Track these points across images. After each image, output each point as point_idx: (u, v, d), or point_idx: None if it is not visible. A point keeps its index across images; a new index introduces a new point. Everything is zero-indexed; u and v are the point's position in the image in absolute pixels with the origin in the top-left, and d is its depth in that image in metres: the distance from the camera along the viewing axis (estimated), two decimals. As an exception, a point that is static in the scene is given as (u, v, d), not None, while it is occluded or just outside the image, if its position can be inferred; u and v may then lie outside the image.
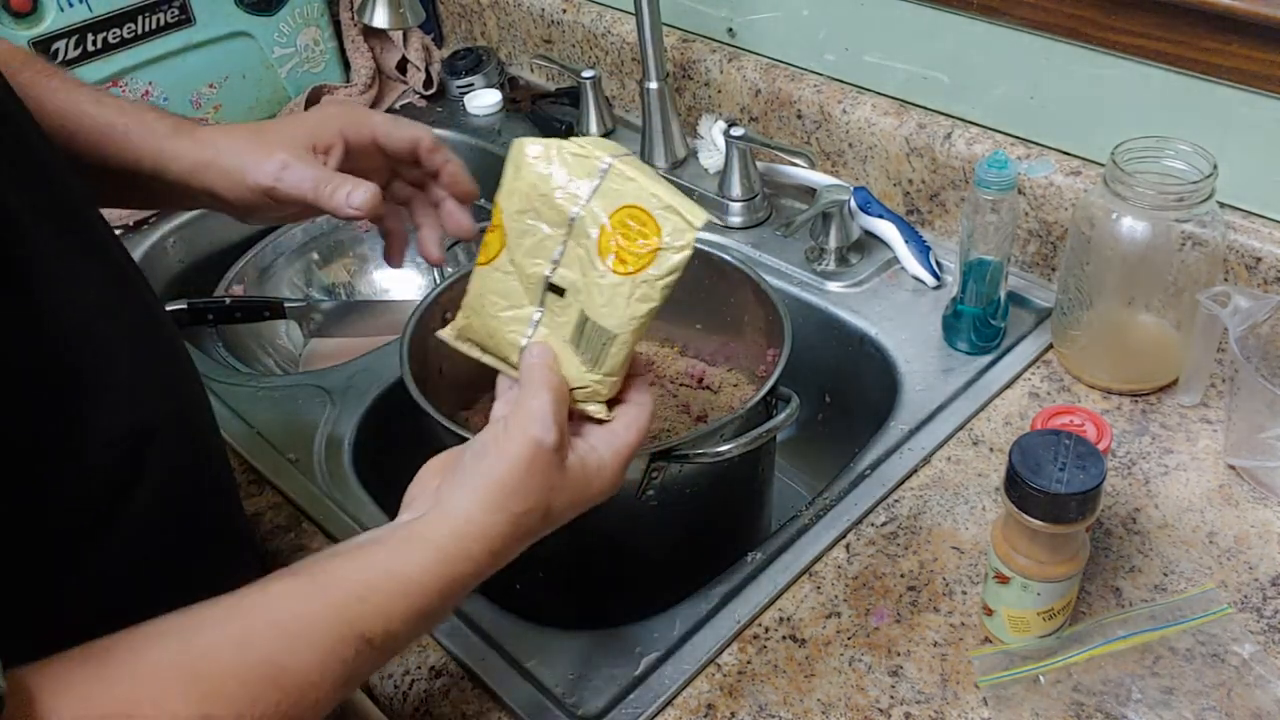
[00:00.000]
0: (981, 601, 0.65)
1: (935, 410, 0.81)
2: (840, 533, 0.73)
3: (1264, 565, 0.68)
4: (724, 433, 0.67)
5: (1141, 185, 0.74)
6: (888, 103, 0.99)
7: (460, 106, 1.29)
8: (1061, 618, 0.63)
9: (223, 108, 1.22)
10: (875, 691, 0.63)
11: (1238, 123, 0.79)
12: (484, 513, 0.51)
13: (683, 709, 0.63)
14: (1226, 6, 0.74)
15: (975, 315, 0.85)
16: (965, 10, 0.90)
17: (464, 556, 0.51)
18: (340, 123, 0.69)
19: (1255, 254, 0.79)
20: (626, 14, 1.18)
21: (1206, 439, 0.77)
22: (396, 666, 0.67)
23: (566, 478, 0.54)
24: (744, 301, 0.81)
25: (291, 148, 0.66)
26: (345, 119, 0.69)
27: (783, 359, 0.72)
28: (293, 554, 0.76)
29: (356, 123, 0.69)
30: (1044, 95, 0.89)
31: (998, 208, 0.79)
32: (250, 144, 0.66)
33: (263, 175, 0.65)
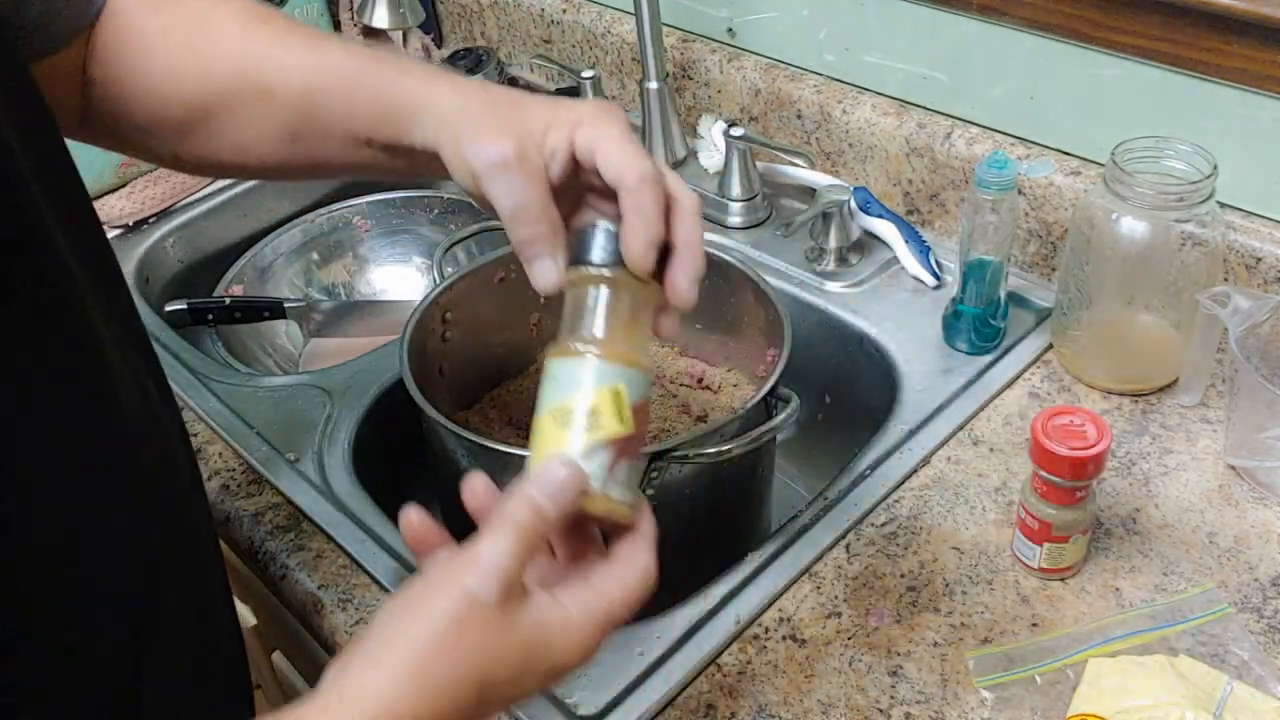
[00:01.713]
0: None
1: (935, 410, 0.81)
2: (840, 533, 0.73)
3: (1264, 565, 0.68)
4: (724, 433, 0.67)
5: (1141, 185, 0.74)
6: (888, 103, 0.99)
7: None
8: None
9: (223, 108, 1.22)
10: (875, 691, 0.63)
11: (1238, 123, 0.79)
12: (395, 688, 0.41)
13: (683, 709, 0.63)
14: (1226, 6, 0.74)
15: (975, 315, 0.85)
16: (965, 10, 0.90)
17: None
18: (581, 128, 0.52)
19: (1255, 254, 0.79)
20: (626, 14, 1.18)
21: (1206, 439, 0.77)
22: (396, 666, 0.67)
23: (512, 639, 0.43)
24: (744, 301, 0.81)
25: (523, 137, 0.52)
26: (588, 125, 0.52)
27: (783, 359, 0.72)
28: (293, 554, 0.76)
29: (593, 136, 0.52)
30: (1044, 95, 0.89)
31: (998, 208, 0.79)
32: (490, 112, 0.53)
33: (476, 158, 0.52)
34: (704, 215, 0.52)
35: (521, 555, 0.44)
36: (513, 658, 0.43)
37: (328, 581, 0.74)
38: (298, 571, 0.75)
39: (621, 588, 0.46)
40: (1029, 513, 0.67)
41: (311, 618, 0.73)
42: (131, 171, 1.17)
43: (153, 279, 1.11)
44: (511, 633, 0.43)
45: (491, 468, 0.69)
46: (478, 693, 0.42)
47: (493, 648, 0.43)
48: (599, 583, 0.46)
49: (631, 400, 0.48)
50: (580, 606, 0.45)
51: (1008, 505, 0.73)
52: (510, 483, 0.68)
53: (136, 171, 1.17)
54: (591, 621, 0.45)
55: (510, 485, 0.46)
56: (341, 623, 0.71)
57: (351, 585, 0.73)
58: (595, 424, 0.47)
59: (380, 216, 1.18)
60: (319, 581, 0.74)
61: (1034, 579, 0.69)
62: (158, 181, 1.16)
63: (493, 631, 0.43)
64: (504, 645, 0.43)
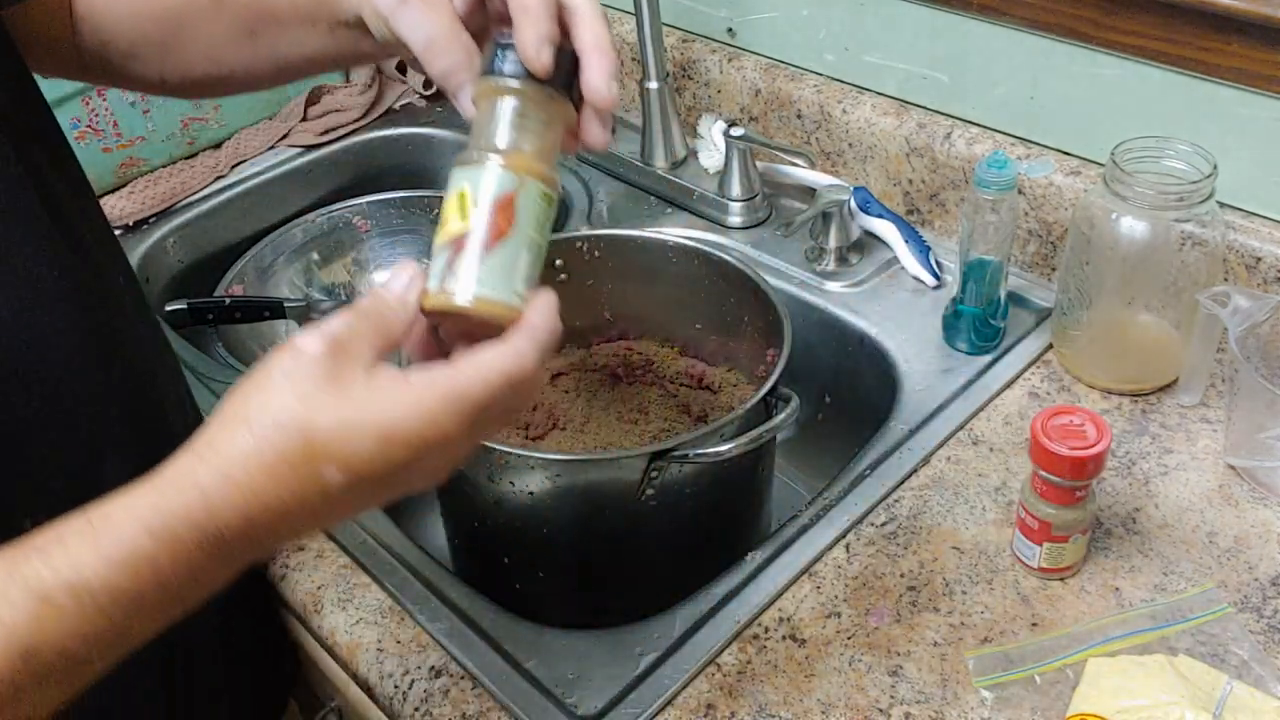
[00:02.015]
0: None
1: (935, 410, 0.81)
2: (840, 533, 0.73)
3: (1264, 565, 0.68)
4: (724, 433, 0.67)
5: (1141, 185, 0.74)
6: (888, 103, 0.99)
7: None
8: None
9: (223, 108, 1.22)
10: (875, 691, 0.63)
11: (1238, 123, 0.79)
12: (218, 429, 0.43)
13: (683, 709, 0.63)
14: (1226, 6, 0.74)
15: (975, 315, 0.85)
16: (965, 10, 0.90)
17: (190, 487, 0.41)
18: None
19: (1255, 254, 0.79)
20: (626, 14, 1.18)
21: (1206, 439, 0.77)
22: (396, 666, 0.67)
23: (333, 388, 0.42)
24: (744, 301, 0.81)
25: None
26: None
27: (783, 359, 0.72)
28: (292, 554, 0.76)
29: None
30: (1044, 95, 0.89)
31: (997, 208, 0.79)
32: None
33: (382, 1, 0.54)
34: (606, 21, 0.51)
35: (354, 325, 0.44)
36: (331, 407, 0.42)
37: (328, 581, 0.74)
38: (297, 571, 0.75)
39: (475, 365, 0.44)
40: (1029, 512, 0.67)
41: (311, 618, 0.73)
42: (131, 172, 1.17)
43: (153, 279, 1.11)
44: (334, 382, 0.42)
45: (491, 468, 0.69)
46: (304, 447, 0.41)
47: (310, 394, 0.42)
48: (455, 361, 0.45)
49: (496, 194, 0.48)
50: (423, 376, 0.44)
51: (1008, 505, 0.74)
52: (508, 479, 0.69)
53: (136, 171, 1.17)
54: (432, 391, 0.43)
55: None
56: (342, 623, 0.71)
57: (351, 585, 0.73)
58: (442, 224, 0.48)
59: (380, 216, 1.18)
60: (319, 581, 0.74)
61: (1034, 579, 0.69)
62: (158, 181, 1.17)
63: (313, 380, 0.42)
64: (324, 393, 0.42)
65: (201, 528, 0.41)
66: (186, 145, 1.21)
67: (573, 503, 0.69)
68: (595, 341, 0.90)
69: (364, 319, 0.45)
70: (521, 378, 0.45)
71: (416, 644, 0.69)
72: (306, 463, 0.42)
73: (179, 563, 0.40)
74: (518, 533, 0.72)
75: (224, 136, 1.24)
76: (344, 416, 0.42)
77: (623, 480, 0.67)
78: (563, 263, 0.85)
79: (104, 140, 1.13)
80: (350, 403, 0.42)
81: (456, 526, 0.82)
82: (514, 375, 0.45)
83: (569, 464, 0.67)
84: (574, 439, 0.82)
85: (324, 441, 0.42)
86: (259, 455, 0.41)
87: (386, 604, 0.71)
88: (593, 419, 0.83)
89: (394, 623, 0.70)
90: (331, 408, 0.42)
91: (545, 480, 0.67)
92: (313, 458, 0.42)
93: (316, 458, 0.42)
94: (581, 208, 1.10)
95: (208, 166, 1.20)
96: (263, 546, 0.43)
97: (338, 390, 0.42)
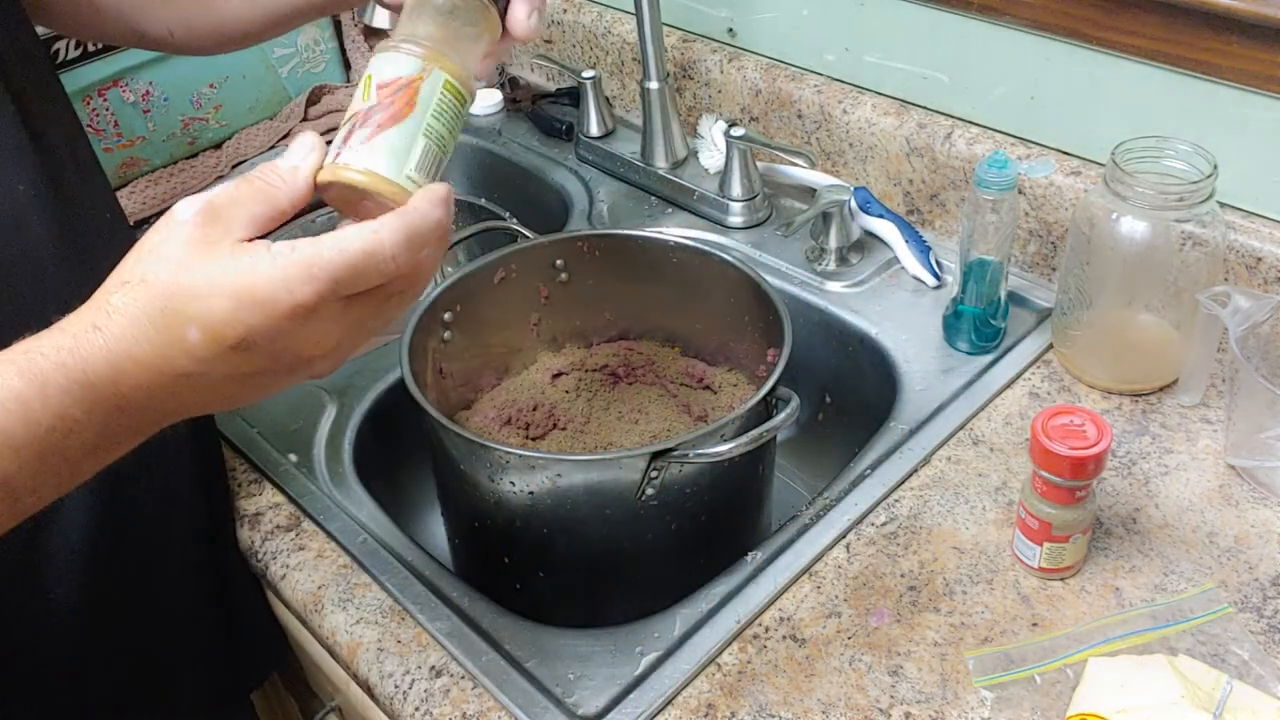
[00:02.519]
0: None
1: (935, 410, 0.81)
2: (840, 533, 0.73)
3: (1264, 565, 0.68)
4: (724, 433, 0.67)
5: (1141, 185, 0.74)
6: (888, 103, 0.99)
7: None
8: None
9: (223, 108, 1.22)
10: (875, 691, 0.63)
11: (1238, 123, 0.79)
12: (101, 289, 0.44)
13: (683, 709, 0.63)
14: (1226, 6, 0.74)
15: (975, 315, 0.85)
16: (965, 10, 0.90)
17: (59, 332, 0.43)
18: None
19: (1255, 254, 0.79)
20: (626, 14, 1.18)
21: (1206, 439, 0.77)
22: (397, 666, 0.67)
23: (199, 252, 0.43)
24: (744, 301, 0.81)
25: None
26: None
27: (783, 359, 0.72)
28: (292, 554, 0.76)
29: None
30: (1044, 95, 0.89)
31: (998, 208, 0.79)
32: None
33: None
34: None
35: (234, 193, 0.45)
36: (193, 269, 0.43)
37: (328, 581, 0.74)
38: (298, 571, 0.75)
39: (336, 237, 0.44)
40: (1029, 512, 0.67)
41: (311, 617, 0.73)
42: (132, 172, 1.17)
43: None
44: (201, 246, 0.43)
45: (491, 467, 0.69)
46: (164, 303, 0.42)
47: (178, 257, 0.43)
48: (322, 236, 0.44)
49: (398, 76, 0.49)
50: (285, 244, 0.44)
51: (1008, 505, 0.74)
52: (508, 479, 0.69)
53: (137, 172, 1.17)
54: (289, 258, 0.43)
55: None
56: (342, 623, 0.71)
57: (351, 585, 0.73)
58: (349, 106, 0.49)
59: (380, 216, 1.18)
60: (319, 581, 0.74)
61: (1034, 579, 0.69)
62: (158, 181, 1.17)
63: (187, 245, 0.43)
64: (189, 257, 0.43)
65: (68, 370, 0.42)
66: (187, 145, 1.21)
67: (573, 503, 0.69)
68: (595, 341, 0.90)
69: (246, 187, 0.45)
70: (383, 255, 0.44)
71: (417, 644, 0.69)
72: (166, 320, 0.43)
73: (49, 404, 0.42)
74: (518, 533, 0.72)
75: (224, 136, 1.24)
76: (202, 278, 0.43)
77: (623, 480, 0.67)
78: (563, 263, 0.85)
79: (104, 140, 1.13)
80: (211, 266, 0.43)
81: (456, 526, 0.82)
82: (374, 252, 0.44)
83: (569, 464, 0.67)
84: (574, 439, 0.82)
85: (182, 300, 0.43)
86: (125, 310, 0.43)
87: (387, 604, 0.71)
88: (593, 419, 0.83)
89: (394, 622, 0.70)
90: (193, 270, 0.43)
91: (545, 480, 0.67)
92: (171, 315, 0.43)
93: (175, 315, 0.43)
94: (582, 208, 1.10)
95: (208, 166, 1.20)
96: (140, 409, 0.44)
97: (203, 254, 0.43)
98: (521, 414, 0.83)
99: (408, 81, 0.49)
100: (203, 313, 0.43)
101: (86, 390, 0.42)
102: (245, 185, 0.46)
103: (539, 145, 1.22)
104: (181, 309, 0.43)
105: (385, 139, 0.48)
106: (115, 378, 0.43)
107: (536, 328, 0.88)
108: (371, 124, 0.48)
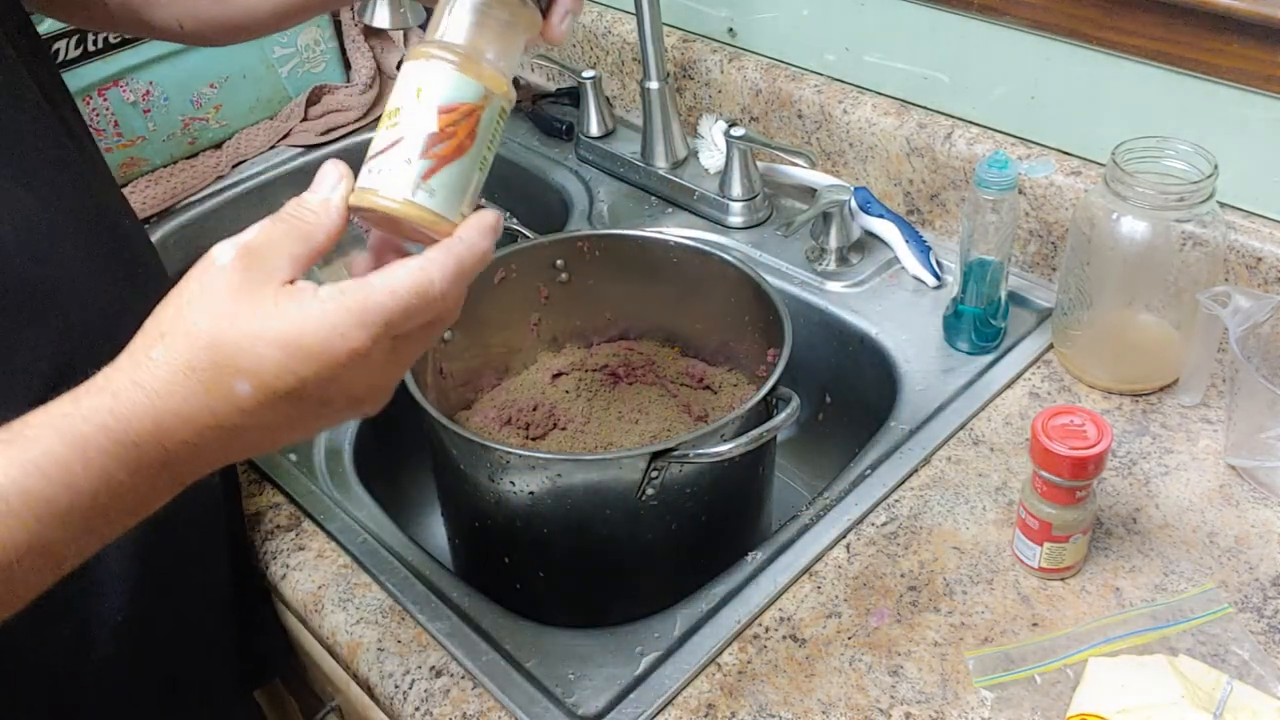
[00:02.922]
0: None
1: (935, 410, 0.81)
2: (840, 533, 0.73)
3: (1264, 565, 0.68)
4: (724, 433, 0.67)
5: (1142, 185, 0.74)
6: (888, 103, 0.99)
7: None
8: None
9: (223, 108, 1.22)
10: (875, 691, 0.63)
11: (1238, 123, 0.79)
12: (139, 340, 0.42)
13: (683, 709, 0.63)
14: (1226, 6, 0.74)
15: (976, 315, 0.85)
16: (965, 10, 0.90)
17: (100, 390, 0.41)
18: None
19: (1255, 254, 0.79)
20: (627, 14, 1.18)
21: (1206, 439, 0.77)
22: (397, 666, 0.67)
23: (243, 300, 0.42)
24: (744, 301, 0.81)
25: None
26: None
27: (783, 359, 0.72)
28: (293, 554, 0.76)
29: None
30: (1044, 95, 0.89)
31: (998, 208, 0.79)
32: None
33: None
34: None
35: (271, 232, 0.43)
36: (238, 318, 0.41)
37: (328, 581, 0.74)
38: (298, 571, 0.75)
39: (385, 277, 0.43)
40: (1029, 512, 0.67)
41: (311, 617, 0.73)
42: (132, 171, 1.17)
43: (153, 279, 1.11)
44: (244, 294, 0.42)
45: (491, 467, 0.69)
46: (211, 358, 0.41)
47: (221, 307, 0.41)
48: (369, 276, 0.43)
49: (449, 100, 0.45)
50: (332, 288, 0.42)
51: (1008, 505, 0.74)
52: (508, 479, 0.69)
53: (137, 171, 1.17)
54: (338, 303, 0.42)
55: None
56: (342, 622, 0.71)
57: (351, 585, 0.73)
58: (390, 120, 0.46)
59: (381, 216, 1.18)
60: (319, 581, 0.74)
61: (1034, 579, 0.69)
62: (158, 181, 1.17)
63: (224, 293, 0.41)
64: (234, 305, 0.41)
65: (110, 431, 0.40)
66: (187, 145, 1.21)
67: (573, 503, 0.69)
68: (595, 341, 0.90)
69: (281, 225, 0.44)
70: (434, 294, 0.43)
71: (417, 644, 0.69)
72: (215, 374, 0.41)
73: (92, 468, 0.40)
74: (518, 533, 0.72)
75: (224, 136, 1.24)
76: (250, 328, 0.41)
77: (623, 480, 0.67)
78: (563, 263, 0.85)
79: (104, 140, 1.13)
80: (257, 315, 0.41)
81: (456, 526, 0.82)
82: (425, 292, 0.43)
83: (569, 464, 0.67)
84: (574, 439, 0.82)
85: (230, 353, 0.41)
86: (169, 364, 0.41)
87: (387, 604, 0.71)
88: (593, 419, 0.83)
89: (394, 622, 0.70)
90: (238, 320, 0.41)
91: (545, 480, 0.67)
92: (220, 369, 0.41)
93: (224, 369, 0.41)
94: (582, 208, 1.10)
95: (208, 166, 1.20)
96: (185, 463, 0.43)
97: (247, 302, 0.42)
98: (521, 414, 0.83)
99: (470, 110, 0.46)
100: (253, 365, 0.41)
101: (130, 450, 0.41)
102: (280, 224, 0.44)
103: (539, 145, 1.22)
104: (230, 362, 0.41)
105: (447, 175, 0.45)
106: (160, 436, 0.41)
107: (536, 328, 0.88)
108: (432, 154, 0.45)
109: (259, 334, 0.41)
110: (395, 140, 0.46)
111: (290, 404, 0.42)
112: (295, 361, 0.41)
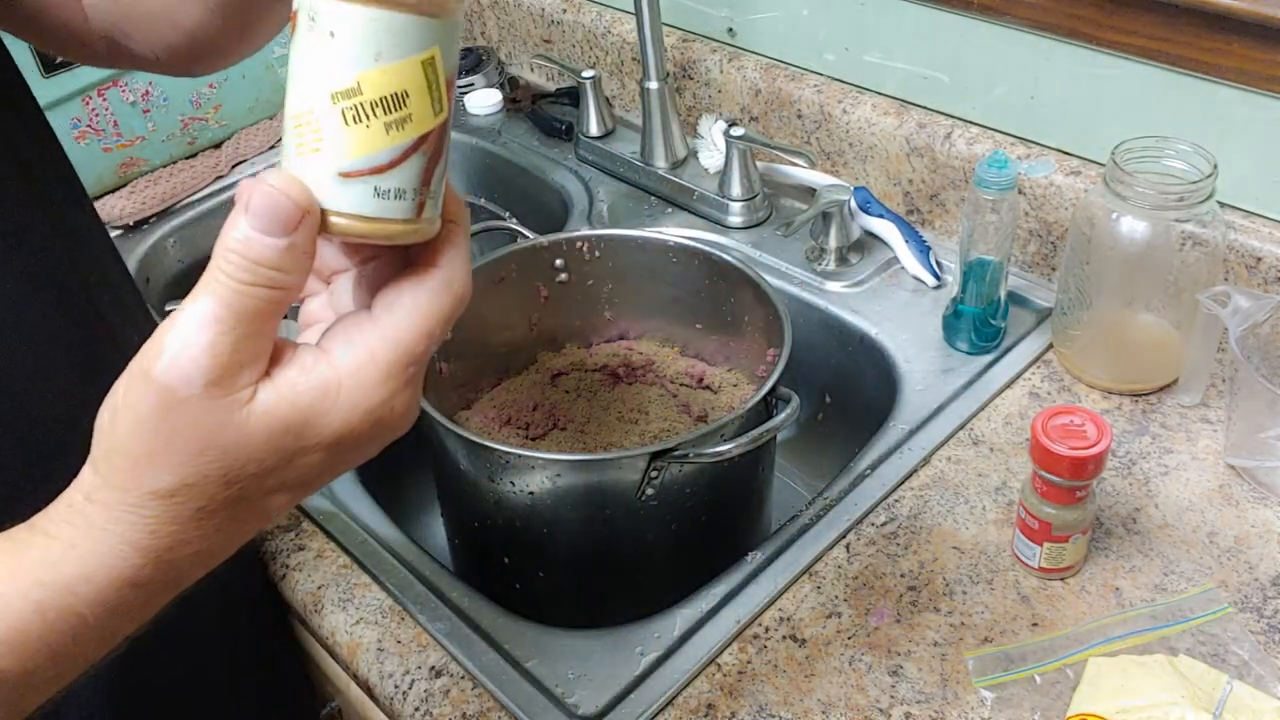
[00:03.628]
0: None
1: (935, 410, 0.81)
2: (840, 533, 0.73)
3: (1264, 565, 0.68)
4: (724, 433, 0.67)
5: (1141, 185, 0.74)
6: (888, 103, 0.99)
7: (460, 106, 1.29)
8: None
9: (223, 107, 1.22)
10: (875, 691, 0.63)
11: (1238, 123, 0.79)
12: (109, 493, 0.35)
13: (683, 709, 0.63)
14: (1226, 6, 0.74)
15: (975, 315, 0.85)
16: (965, 10, 0.90)
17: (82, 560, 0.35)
18: None
19: (1255, 254, 0.79)
20: (626, 14, 1.18)
21: (1206, 439, 0.77)
22: (397, 666, 0.67)
23: (252, 427, 0.35)
24: (744, 301, 0.81)
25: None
26: None
27: (783, 359, 0.72)
28: (292, 554, 0.76)
29: None
30: (1044, 95, 0.89)
31: (998, 208, 0.79)
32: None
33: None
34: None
35: (230, 328, 0.34)
36: (261, 444, 0.35)
37: (328, 581, 0.74)
38: (297, 571, 0.75)
39: (409, 318, 0.37)
40: (1029, 512, 0.67)
41: (311, 617, 0.73)
42: (131, 172, 1.17)
43: (153, 279, 1.11)
44: (251, 419, 0.34)
45: (491, 467, 0.69)
46: (224, 487, 0.35)
47: (223, 443, 0.34)
48: (382, 314, 0.37)
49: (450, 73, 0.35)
50: (347, 358, 0.36)
51: (1008, 505, 0.74)
52: (508, 479, 0.69)
53: (136, 172, 1.17)
54: (372, 367, 0.36)
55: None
56: (342, 623, 0.71)
57: (351, 585, 0.73)
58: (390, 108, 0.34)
59: (380, 216, 1.18)
60: (319, 581, 0.74)
61: (1034, 579, 0.69)
62: (158, 181, 1.17)
63: (214, 427, 0.34)
64: (241, 435, 0.34)
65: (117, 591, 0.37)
66: (186, 145, 1.21)
67: (573, 503, 0.69)
68: (595, 341, 0.90)
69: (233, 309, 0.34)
70: (435, 336, 0.38)
71: (417, 644, 0.69)
72: (248, 507, 0.37)
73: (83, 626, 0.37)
74: (518, 533, 0.72)
75: (224, 136, 1.24)
76: (279, 460, 0.36)
77: (623, 480, 0.67)
78: (563, 263, 0.85)
79: (104, 140, 1.13)
80: (292, 439, 0.36)
81: (456, 526, 0.82)
82: (430, 332, 0.38)
83: (569, 464, 0.67)
84: (574, 439, 0.82)
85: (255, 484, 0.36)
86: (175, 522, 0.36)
87: (387, 604, 0.71)
88: (593, 419, 0.83)
89: (394, 623, 0.70)
90: (263, 452, 0.35)
91: (545, 480, 0.67)
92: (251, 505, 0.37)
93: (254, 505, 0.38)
94: (581, 208, 1.10)
95: (208, 166, 1.20)
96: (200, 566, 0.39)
97: (252, 428, 0.35)
98: (521, 414, 0.83)
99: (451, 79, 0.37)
100: (293, 480, 0.37)
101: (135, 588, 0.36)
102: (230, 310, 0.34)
103: (539, 145, 1.22)
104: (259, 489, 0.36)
105: (436, 187, 0.38)
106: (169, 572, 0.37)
107: (536, 328, 0.88)
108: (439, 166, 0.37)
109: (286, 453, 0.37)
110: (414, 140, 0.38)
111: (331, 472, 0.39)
112: (339, 453, 0.38)
